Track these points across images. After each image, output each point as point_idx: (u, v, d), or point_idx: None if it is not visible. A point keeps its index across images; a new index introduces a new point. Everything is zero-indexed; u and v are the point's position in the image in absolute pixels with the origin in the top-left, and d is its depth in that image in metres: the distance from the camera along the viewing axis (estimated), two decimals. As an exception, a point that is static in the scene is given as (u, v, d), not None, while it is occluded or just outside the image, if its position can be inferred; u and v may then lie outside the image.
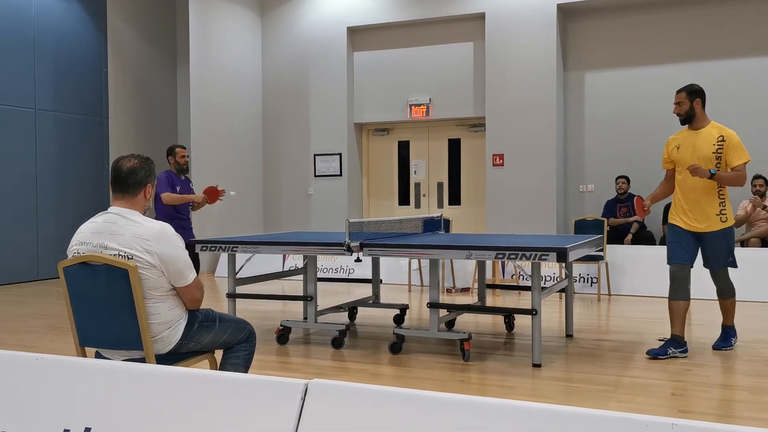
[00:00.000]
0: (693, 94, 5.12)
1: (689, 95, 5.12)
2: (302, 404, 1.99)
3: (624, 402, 4.15)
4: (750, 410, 3.97)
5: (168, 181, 7.18)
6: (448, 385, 4.56)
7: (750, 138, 9.63)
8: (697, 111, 5.13)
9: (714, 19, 9.80)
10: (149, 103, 12.13)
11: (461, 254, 4.98)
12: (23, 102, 10.17)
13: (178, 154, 7.29)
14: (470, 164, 11.27)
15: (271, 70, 12.00)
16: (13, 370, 2.38)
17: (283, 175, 11.97)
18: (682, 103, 5.14)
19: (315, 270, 6.01)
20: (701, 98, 5.14)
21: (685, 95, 5.13)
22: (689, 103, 5.12)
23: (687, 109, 5.13)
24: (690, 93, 5.13)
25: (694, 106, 5.12)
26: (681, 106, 5.15)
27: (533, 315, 5.00)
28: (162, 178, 7.16)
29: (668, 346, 5.16)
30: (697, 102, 5.12)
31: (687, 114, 5.14)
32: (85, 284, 3.10)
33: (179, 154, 7.29)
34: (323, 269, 10.03)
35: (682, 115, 5.16)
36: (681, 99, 5.14)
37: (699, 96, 5.14)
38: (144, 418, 2.15)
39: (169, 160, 7.34)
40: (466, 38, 10.91)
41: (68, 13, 10.82)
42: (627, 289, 8.55)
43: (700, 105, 5.13)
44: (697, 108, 5.13)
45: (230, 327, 3.40)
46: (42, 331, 6.56)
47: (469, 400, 1.86)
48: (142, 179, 3.19)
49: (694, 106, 5.12)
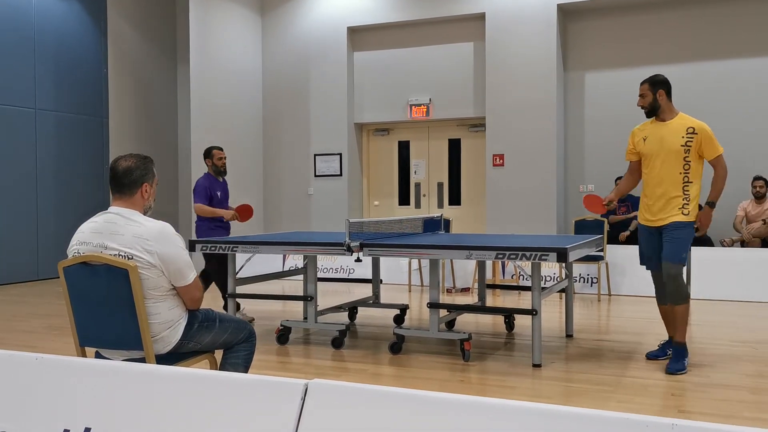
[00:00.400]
0: (656, 85, 4.93)
1: (652, 86, 4.93)
2: (302, 404, 1.99)
3: (624, 402, 4.15)
4: (750, 410, 3.97)
5: (205, 190, 7.04)
6: (448, 386, 4.56)
7: (751, 138, 9.65)
8: (661, 102, 4.93)
9: (714, 19, 9.79)
10: (149, 102, 12.13)
11: (461, 254, 4.98)
12: (23, 102, 10.17)
13: (215, 156, 7.17)
14: (470, 164, 11.26)
15: (271, 69, 12.00)
16: (13, 370, 2.38)
17: (283, 175, 11.97)
18: (645, 95, 4.96)
19: (315, 270, 6.01)
20: (665, 89, 4.94)
21: (647, 87, 4.95)
22: (652, 94, 4.93)
23: (650, 101, 4.94)
24: (653, 84, 4.94)
25: (657, 98, 4.93)
26: (644, 98, 4.96)
27: (533, 315, 5.00)
28: (200, 186, 7.06)
29: (667, 347, 5.10)
30: (660, 93, 4.92)
31: (651, 106, 4.95)
32: (86, 284, 3.10)
33: (216, 156, 7.17)
34: (323, 269, 10.03)
35: (645, 107, 4.97)
36: (644, 91, 4.96)
37: (662, 87, 4.94)
38: (144, 419, 2.15)
39: (207, 163, 7.23)
40: (466, 38, 10.91)
41: (68, 13, 10.82)
42: (627, 289, 8.55)
43: (665, 96, 4.94)
44: (661, 99, 4.93)
45: (230, 327, 3.40)
46: (42, 331, 6.56)
47: (469, 400, 1.86)
48: (138, 179, 3.18)
49: (657, 97, 4.93)
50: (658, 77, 4.98)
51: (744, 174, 9.47)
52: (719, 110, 9.71)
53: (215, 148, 7.27)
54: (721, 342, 5.77)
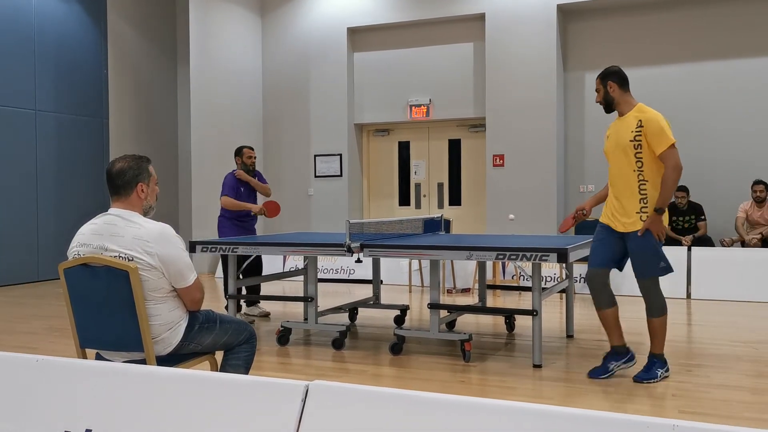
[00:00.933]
0: (605, 77, 4.56)
1: (602, 79, 4.58)
2: (303, 406, 1.99)
3: (625, 403, 4.15)
4: (751, 411, 3.97)
5: (233, 184, 7.21)
6: (448, 386, 4.56)
7: (751, 139, 9.64)
8: (614, 95, 4.55)
9: (714, 19, 9.79)
10: (149, 103, 12.13)
11: (462, 255, 4.98)
12: (23, 103, 10.17)
13: (245, 155, 7.33)
14: (470, 165, 11.26)
15: (271, 70, 12.00)
16: (14, 372, 2.38)
17: (284, 175, 11.97)
18: (598, 90, 4.63)
19: (315, 271, 6.01)
20: (615, 80, 4.54)
21: (598, 80, 4.61)
22: (603, 87, 4.58)
23: (603, 95, 4.59)
24: (603, 77, 4.58)
25: (608, 91, 4.56)
26: (598, 93, 4.63)
27: (534, 315, 5.00)
28: (227, 180, 7.25)
29: (609, 361, 4.71)
30: (610, 85, 4.55)
31: (605, 100, 4.58)
32: (86, 286, 3.10)
33: (246, 154, 7.33)
34: (323, 270, 10.03)
35: (601, 102, 4.62)
36: (597, 85, 4.63)
37: (611, 78, 4.55)
38: (144, 420, 2.15)
39: (236, 161, 7.38)
40: (466, 39, 10.91)
41: (68, 14, 10.82)
42: (627, 290, 8.54)
43: (616, 87, 4.54)
44: (613, 92, 4.55)
45: (231, 328, 3.40)
46: (42, 333, 6.56)
47: (469, 401, 1.86)
48: (132, 179, 3.18)
49: (609, 90, 4.56)
50: (608, 69, 4.61)
51: (744, 174, 9.47)
52: (719, 110, 9.71)
53: (246, 147, 7.45)
54: (722, 342, 5.77)
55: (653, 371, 4.57)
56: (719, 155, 9.74)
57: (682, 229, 9.22)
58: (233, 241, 5.85)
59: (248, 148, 7.43)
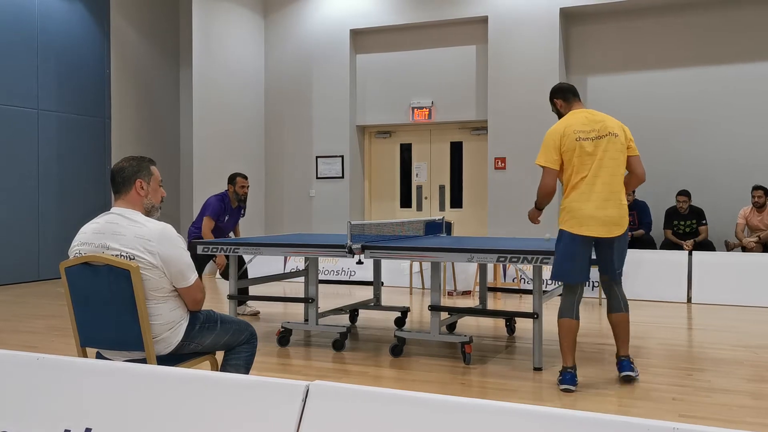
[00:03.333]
0: (551, 95, 4.73)
1: (550, 99, 4.75)
2: (303, 406, 1.99)
3: (625, 406, 4.14)
4: (751, 415, 3.97)
5: (215, 208, 7.14)
6: (449, 388, 4.56)
7: (754, 143, 9.64)
8: (562, 111, 4.67)
9: (717, 23, 9.79)
10: (152, 104, 12.14)
11: (463, 257, 4.98)
12: (26, 102, 10.19)
13: (238, 184, 7.27)
14: (472, 167, 11.26)
15: (273, 71, 12.01)
16: (14, 370, 2.38)
17: (285, 176, 11.97)
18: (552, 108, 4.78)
19: (316, 272, 6.02)
20: (559, 97, 4.68)
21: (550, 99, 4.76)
22: (552, 106, 4.75)
23: (555, 112, 4.74)
24: (550, 97, 4.74)
25: (557, 107, 4.71)
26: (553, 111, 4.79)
27: (534, 318, 5.00)
28: (211, 203, 7.16)
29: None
30: (556, 102, 4.70)
31: (558, 116, 4.71)
32: (87, 285, 3.11)
33: (239, 183, 7.27)
34: (324, 271, 10.03)
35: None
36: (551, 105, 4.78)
37: (554, 96, 4.71)
38: (145, 419, 2.15)
39: (229, 188, 7.33)
40: (468, 41, 10.91)
41: (71, 14, 10.84)
42: (628, 293, 8.45)
43: (561, 103, 4.67)
44: (561, 107, 4.68)
45: (231, 328, 3.40)
46: (43, 332, 6.57)
47: (469, 402, 1.86)
48: (130, 176, 3.20)
49: (558, 108, 4.70)
50: (553, 87, 4.78)
51: (746, 179, 9.46)
52: (721, 114, 9.71)
53: (240, 175, 7.35)
54: (723, 346, 5.76)
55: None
56: (721, 159, 9.73)
57: (684, 233, 9.22)
58: (234, 242, 5.85)
59: (242, 177, 7.32)
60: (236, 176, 7.32)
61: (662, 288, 8.32)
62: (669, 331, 6.46)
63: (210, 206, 7.15)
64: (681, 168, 9.86)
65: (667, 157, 9.79)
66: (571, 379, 4.44)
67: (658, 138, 9.83)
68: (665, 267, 8.43)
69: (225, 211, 7.24)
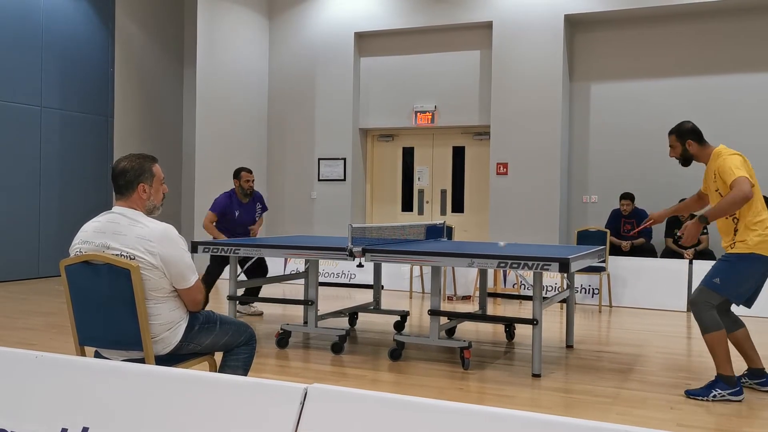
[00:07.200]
0: (683, 135, 4.62)
1: (678, 137, 4.64)
2: (301, 408, 1.99)
3: (623, 414, 4.14)
4: (749, 426, 3.96)
5: (222, 205, 7.22)
6: (447, 393, 4.55)
7: (759, 153, 9.62)
8: (692, 151, 4.62)
9: (722, 32, 9.79)
10: (155, 103, 12.15)
11: (463, 262, 4.97)
12: (29, 99, 10.20)
13: (242, 178, 7.30)
14: (474, 172, 11.26)
15: (277, 73, 12.02)
16: (12, 368, 2.38)
17: (287, 178, 11.97)
18: (674, 147, 4.67)
19: (316, 274, 6.01)
20: (694, 139, 4.61)
21: (674, 138, 4.66)
22: (680, 146, 4.64)
23: (681, 152, 4.66)
24: (679, 135, 4.63)
25: (687, 148, 4.63)
26: (674, 149, 4.68)
27: (534, 325, 4.99)
28: (219, 201, 7.25)
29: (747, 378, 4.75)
30: (689, 143, 4.61)
31: (682, 156, 4.66)
32: (87, 283, 3.10)
33: (244, 178, 7.30)
34: (324, 274, 10.03)
35: (678, 158, 4.69)
36: (672, 142, 4.67)
37: (689, 136, 4.61)
38: (142, 419, 2.15)
39: (234, 183, 7.36)
40: (472, 46, 10.92)
41: (76, 13, 10.86)
42: (628, 301, 8.53)
43: (695, 146, 4.62)
44: (692, 149, 4.62)
45: (231, 329, 3.40)
46: (42, 329, 6.57)
47: (467, 408, 1.85)
48: (133, 179, 3.18)
49: (688, 148, 4.62)
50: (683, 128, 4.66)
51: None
52: (726, 124, 9.70)
53: (244, 170, 7.39)
54: (722, 356, 5.74)
55: (706, 389, 4.47)
56: (723, 169, 9.70)
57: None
58: (235, 243, 5.85)
59: (246, 171, 7.35)
60: (241, 171, 7.37)
61: (662, 296, 8.32)
62: (668, 340, 6.46)
63: (215, 202, 7.28)
64: (683, 177, 9.84)
65: (669, 166, 9.78)
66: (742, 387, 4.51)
67: (661, 146, 9.81)
68: (665, 275, 8.42)
69: (232, 207, 7.28)
